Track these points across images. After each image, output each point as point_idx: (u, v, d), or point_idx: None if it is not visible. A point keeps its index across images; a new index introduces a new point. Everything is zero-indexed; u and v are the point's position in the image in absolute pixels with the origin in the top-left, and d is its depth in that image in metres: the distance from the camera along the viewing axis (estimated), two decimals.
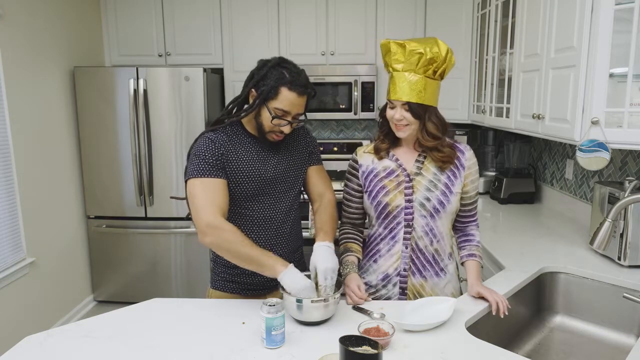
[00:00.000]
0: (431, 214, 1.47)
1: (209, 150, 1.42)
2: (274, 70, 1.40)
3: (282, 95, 1.39)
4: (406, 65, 1.39)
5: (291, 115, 1.42)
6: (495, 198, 2.96)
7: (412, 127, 1.43)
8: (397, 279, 1.51)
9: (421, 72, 1.38)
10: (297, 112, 1.42)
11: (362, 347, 0.99)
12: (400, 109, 1.41)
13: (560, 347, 1.64)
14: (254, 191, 1.48)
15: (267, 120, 1.42)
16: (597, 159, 1.67)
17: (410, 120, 1.41)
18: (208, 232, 1.35)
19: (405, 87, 1.39)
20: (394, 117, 1.43)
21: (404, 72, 1.40)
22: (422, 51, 1.36)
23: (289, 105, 1.39)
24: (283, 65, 1.41)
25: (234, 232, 1.35)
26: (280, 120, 1.41)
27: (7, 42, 2.62)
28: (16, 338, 1.70)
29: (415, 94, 1.38)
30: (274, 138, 1.46)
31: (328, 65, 3.53)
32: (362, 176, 1.54)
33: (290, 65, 1.43)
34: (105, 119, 3.28)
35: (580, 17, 1.71)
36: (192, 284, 3.44)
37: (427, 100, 1.40)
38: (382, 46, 1.45)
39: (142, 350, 1.18)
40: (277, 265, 1.33)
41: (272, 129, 1.43)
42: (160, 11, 3.54)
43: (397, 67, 1.41)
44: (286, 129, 1.44)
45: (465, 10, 3.20)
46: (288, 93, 1.38)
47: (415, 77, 1.38)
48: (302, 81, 1.40)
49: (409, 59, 1.38)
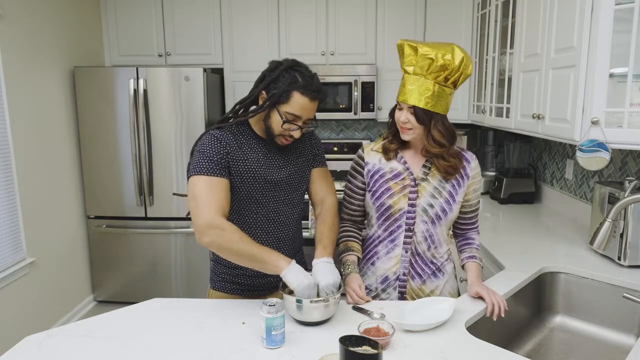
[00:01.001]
0: (432, 220, 1.47)
1: (213, 148, 1.38)
2: (286, 74, 1.36)
3: (294, 99, 1.35)
4: (417, 68, 1.37)
5: (302, 120, 1.39)
6: (495, 198, 2.96)
7: (416, 132, 1.42)
8: (396, 283, 1.51)
9: (432, 78, 1.36)
10: (308, 116, 1.40)
11: (362, 347, 0.99)
12: (406, 111, 1.40)
13: (560, 347, 1.64)
14: (259, 193, 1.45)
15: (277, 124, 1.38)
16: (597, 159, 1.67)
17: (415, 125, 1.40)
18: (207, 233, 1.31)
19: (414, 90, 1.37)
20: (399, 119, 1.42)
21: (414, 75, 1.38)
22: (433, 57, 1.34)
23: (300, 110, 1.36)
24: (296, 69, 1.37)
25: (236, 231, 1.33)
26: (290, 125, 1.38)
27: (7, 42, 2.62)
28: (16, 338, 1.70)
29: (423, 99, 1.36)
30: (283, 142, 1.43)
31: (328, 65, 3.53)
32: (368, 175, 1.53)
33: (303, 69, 1.38)
34: (105, 119, 3.28)
35: (580, 17, 1.71)
36: (192, 284, 3.44)
37: (435, 107, 1.38)
38: (397, 46, 1.43)
39: (142, 350, 1.18)
40: (280, 262, 1.32)
41: (281, 133, 1.40)
42: (160, 11, 3.54)
43: (408, 70, 1.39)
44: (296, 133, 1.41)
45: (465, 10, 3.20)
46: (300, 98, 1.35)
47: (425, 83, 1.36)
48: (315, 86, 1.37)
49: (420, 63, 1.36)
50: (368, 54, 3.53)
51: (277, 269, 1.32)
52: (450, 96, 1.42)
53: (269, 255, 1.33)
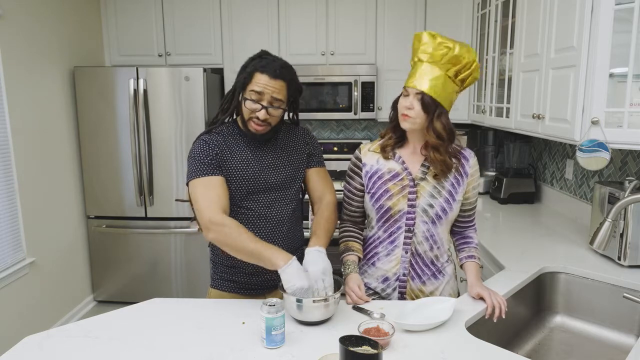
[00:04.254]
0: (433, 220, 1.47)
1: (203, 151, 1.46)
2: (252, 61, 1.45)
3: (255, 78, 1.42)
4: (432, 57, 1.38)
5: (265, 99, 1.42)
6: (495, 198, 2.96)
7: (417, 122, 1.40)
8: (396, 284, 1.51)
9: (444, 68, 1.38)
10: (271, 95, 1.42)
11: (362, 347, 0.99)
12: (412, 97, 1.39)
13: (560, 347, 1.64)
14: (249, 189, 1.49)
15: (245, 109, 1.44)
16: (597, 159, 1.67)
17: (418, 113, 1.38)
18: (211, 228, 1.38)
19: (426, 78, 1.38)
20: (403, 105, 1.41)
21: (428, 63, 1.39)
22: (451, 46, 1.36)
23: (261, 87, 1.41)
24: (262, 57, 1.46)
25: (236, 227, 1.37)
26: (254, 105, 1.42)
27: (7, 42, 2.62)
28: (16, 338, 1.70)
29: (433, 87, 1.37)
30: (255, 128, 1.45)
31: (328, 65, 3.53)
32: (366, 176, 1.52)
33: (269, 56, 1.47)
34: (105, 119, 3.28)
35: (580, 17, 1.71)
36: (192, 284, 3.44)
37: (441, 98, 1.38)
38: (415, 36, 1.44)
39: (142, 350, 1.18)
40: (278, 260, 1.32)
41: (249, 116, 1.44)
42: (160, 11, 3.54)
43: (422, 58, 1.40)
44: (261, 113, 1.42)
45: (465, 10, 3.20)
46: (260, 75, 1.41)
47: (437, 72, 1.38)
48: (276, 66, 1.42)
49: (436, 50, 1.38)
50: (368, 54, 3.53)
51: (274, 266, 1.33)
52: (455, 94, 1.43)
53: (266, 251, 1.34)
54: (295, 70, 1.50)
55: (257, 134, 1.47)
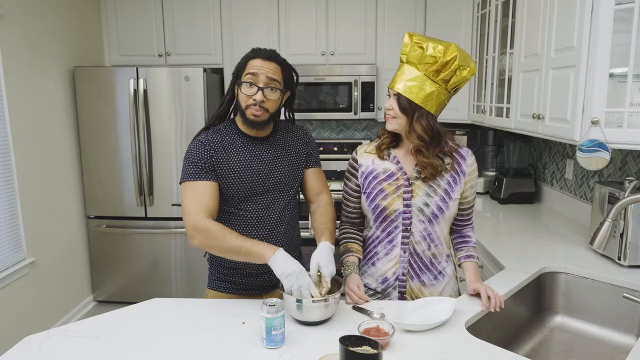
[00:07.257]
0: (429, 219, 1.46)
1: (198, 154, 1.44)
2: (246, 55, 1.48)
3: (249, 64, 1.43)
4: (409, 57, 1.38)
5: (261, 81, 1.41)
6: (495, 198, 2.96)
7: (399, 122, 1.41)
8: (396, 283, 1.51)
9: (422, 69, 1.37)
10: (266, 75, 1.41)
11: (362, 347, 0.99)
12: (392, 98, 1.41)
13: (560, 347, 1.64)
14: (247, 191, 1.48)
15: (242, 96, 1.43)
16: (597, 159, 1.67)
17: (397, 113, 1.40)
18: (195, 235, 1.38)
19: (402, 79, 1.38)
20: (385, 106, 1.43)
21: (406, 64, 1.39)
22: (424, 46, 1.35)
23: (256, 68, 1.41)
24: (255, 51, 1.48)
25: (220, 229, 1.36)
26: (250, 89, 1.41)
27: (7, 42, 2.62)
28: (16, 338, 1.70)
29: (408, 88, 1.37)
30: (253, 114, 1.42)
31: (328, 65, 3.53)
32: (362, 177, 1.52)
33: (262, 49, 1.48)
34: (105, 119, 3.28)
35: (580, 17, 1.71)
36: (192, 284, 3.44)
37: (420, 100, 1.37)
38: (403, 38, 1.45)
39: (142, 350, 1.18)
40: (265, 252, 1.33)
41: (246, 103, 1.43)
42: (160, 11, 3.54)
43: (402, 59, 1.41)
44: (258, 95, 1.41)
45: (465, 10, 3.20)
46: (253, 60, 1.43)
47: (414, 73, 1.37)
48: (267, 51, 1.45)
49: (412, 51, 1.37)
50: (368, 54, 3.53)
51: (263, 258, 1.33)
52: (443, 97, 1.40)
53: (254, 247, 1.34)
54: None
55: (255, 121, 1.44)
